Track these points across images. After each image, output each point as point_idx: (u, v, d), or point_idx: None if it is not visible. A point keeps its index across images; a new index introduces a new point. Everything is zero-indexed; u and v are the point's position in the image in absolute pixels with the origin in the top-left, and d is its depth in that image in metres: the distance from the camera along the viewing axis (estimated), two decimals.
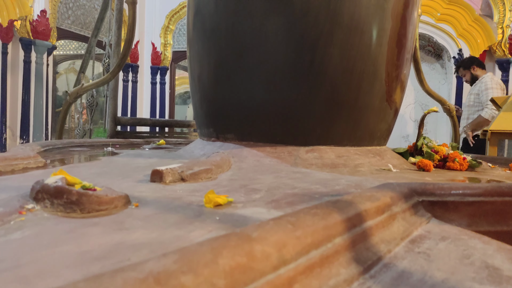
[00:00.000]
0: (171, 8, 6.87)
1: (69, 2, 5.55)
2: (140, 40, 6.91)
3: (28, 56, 4.78)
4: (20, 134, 4.73)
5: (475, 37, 4.96)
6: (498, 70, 4.92)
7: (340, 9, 1.32)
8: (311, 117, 1.41)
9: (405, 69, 1.60)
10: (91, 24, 5.86)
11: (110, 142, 2.17)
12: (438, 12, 5.06)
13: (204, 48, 1.55)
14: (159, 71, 7.07)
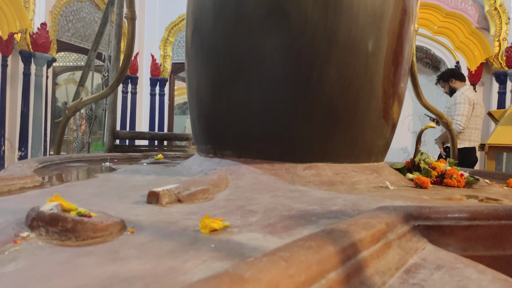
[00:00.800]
0: (171, 21, 6.93)
1: (69, 15, 5.59)
2: (139, 52, 6.96)
3: (28, 68, 4.80)
4: (19, 146, 4.73)
5: (472, 49, 5.00)
6: (495, 82, 4.96)
7: (336, 28, 1.34)
8: (308, 134, 1.41)
9: (402, 84, 1.61)
10: (91, 37, 5.90)
11: (108, 156, 2.17)
12: (435, 25, 5.11)
13: (202, 65, 1.57)
14: (158, 83, 7.10)
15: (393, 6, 1.43)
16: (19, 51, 4.73)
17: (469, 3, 5.09)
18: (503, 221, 0.74)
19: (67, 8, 5.54)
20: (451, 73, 3.98)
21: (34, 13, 4.90)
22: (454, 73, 4.00)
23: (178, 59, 7.16)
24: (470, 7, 5.10)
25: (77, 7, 5.71)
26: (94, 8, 5.99)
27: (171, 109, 7.36)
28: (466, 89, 3.86)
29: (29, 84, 4.80)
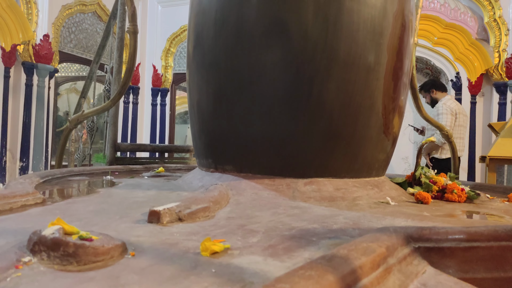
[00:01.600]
0: (172, 32, 6.98)
1: (71, 26, 5.64)
2: (141, 62, 7.00)
3: (30, 79, 4.83)
4: (20, 157, 4.73)
5: (472, 60, 5.03)
6: (495, 93, 4.97)
7: (336, 45, 1.35)
8: (309, 150, 1.42)
9: (402, 98, 1.62)
10: (93, 47, 5.94)
11: (109, 169, 2.17)
12: (435, 36, 5.14)
13: (203, 80, 1.58)
14: (160, 93, 7.13)
15: (392, 23, 1.44)
16: (22, 62, 4.76)
17: (469, 15, 5.13)
18: (503, 242, 0.74)
19: (70, 20, 5.59)
20: (433, 84, 4.04)
21: (37, 24, 4.94)
22: (436, 83, 4.05)
23: (179, 70, 7.19)
24: (470, 18, 5.14)
25: (79, 18, 5.76)
26: (97, 19, 6.04)
27: (172, 119, 7.38)
28: (447, 99, 3.94)
29: (31, 95, 4.82)
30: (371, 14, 1.38)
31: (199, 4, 1.59)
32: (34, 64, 4.82)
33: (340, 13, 1.35)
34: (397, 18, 1.46)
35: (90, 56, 5.84)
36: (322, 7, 1.34)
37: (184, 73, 7.49)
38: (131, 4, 2.24)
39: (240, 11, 1.43)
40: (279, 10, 1.38)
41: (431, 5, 5.21)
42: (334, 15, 1.34)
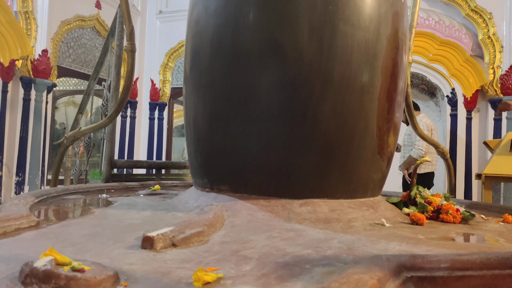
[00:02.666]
0: (171, 47, 7.03)
1: (70, 41, 5.68)
2: (139, 77, 7.03)
3: (28, 94, 4.84)
4: (16, 171, 4.72)
5: (467, 77, 5.08)
6: (491, 109, 5.01)
7: (331, 68, 1.37)
8: (304, 170, 1.42)
9: (397, 115, 1.62)
10: (92, 62, 5.97)
11: (105, 187, 2.17)
12: (430, 52, 5.20)
13: (199, 99, 1.59)
14: (158, 107, 7.15)
15: (386, 45, 1.46)
16: (20, 77, 4.78)
17: (463, 32, 5.20)
18: (496, 271, 0.75)
19: (69, 35, 5.63)
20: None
21: (36, 40, 4.97)
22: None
23: (177, 84, 7.23)
24: (464, 35, 5.20)
25: (78, 33, 5.80)
26: (95, 34, 6.09)
27: (170, 133, 7.39)
28: (422, 117, 4.21)
29: (28, 109, 4.82)
30: (364, 37, 1.40)
31: (196, 26, 1.61)
32: (32, 79, 4.83)
33: (334, 36, 1.37)
34: (391, 40, 1.48)
35: (88, 70, 5.87)
36: (316, 31, 1.36)
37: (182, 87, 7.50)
38: (129, 23, 2.26)
39: (236, 34, 1.45)
40: (274, 32, 1.40)
41: (426, 22, 5.28)
42: (328, 38, 1.36)
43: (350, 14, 1.38)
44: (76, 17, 5.61)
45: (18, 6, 4.78)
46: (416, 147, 3.97)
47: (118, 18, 2.58)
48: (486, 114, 5.09)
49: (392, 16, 1.49)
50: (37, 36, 5.00)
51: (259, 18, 1.42)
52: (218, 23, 1.48)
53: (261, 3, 1.41)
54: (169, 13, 7.16)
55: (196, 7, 1.62)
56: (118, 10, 2.59)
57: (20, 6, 4.78)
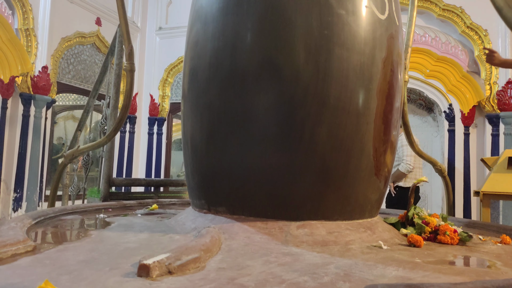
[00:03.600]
0: (170, 62, 7.09)
1: (70, 58, 5.73)
2: (138, 92, 7.08)
3: (27, 110, 4.86)
4: (14, 187, 4.71)
5: (464, 92, 5.12)
6: (488, 124, 5.03)
7: (327, 91, 1.38)
8: (301, 192, 1.43)
9: (394, 133, 1.63)
10: (91, 78, 6.01)
11: (103, 206, 2.17)
12: (427, 68, 5.25)
13: (197, 120, 1.60)
14: (157, 122, 7.18)
15: (381, 68, 1.48)
16: (19, 94, 4.80)
17: (459, 48, 5.26)
18: None
19: (69, 51, 5.68)
20: None
21: (36, 56, 5.02)
22: None
23: (176, 99, 7.27)
24: (460, 52, 5.26)
25: (78, 50, 5.85)
26: (95, 50, 6.14)
27: (169, 147, 7.39)
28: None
29: (27, 125, 4.84)
30: (360, 60, 1.42)
31: (194, 48, 1.63)
32: (32, 95, 4.86)
33: (330, 60, 1.39)
34: (386, 63, 1.50)
35: (88, 86, 5.91)
36: (312, 55, 1.38)
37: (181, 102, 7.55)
38: (129, 43, 2.29)
39: (234, 57, 1.47)
40: (271, 56, 1.42)
41: (423, 38, 5.34)
42: (324, 62, 1.38)
43: (345, 39, 1.40)
44: (76, 33, 5.67)
45: (19, 24, 4.84)
46: (404, 161, 4.01)
47: (118, 37, 2.61)
48: (483, 130, 5.11)
49: (387, 39, 1.52)
50: (38, 52, 5.04)
51: (256, 41, 1.44)
52: (216, 47, 1.51)
53: (258, 28, 1.44)
54: (169, 29, 7.23)
55: (195, 28, 1.64)
56: (118, 29, 2.62)
57: (21, 23, 4.84)
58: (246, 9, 1.44)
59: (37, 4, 5.07)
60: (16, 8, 4.78)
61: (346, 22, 1.40)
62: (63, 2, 5.47)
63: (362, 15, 1.44)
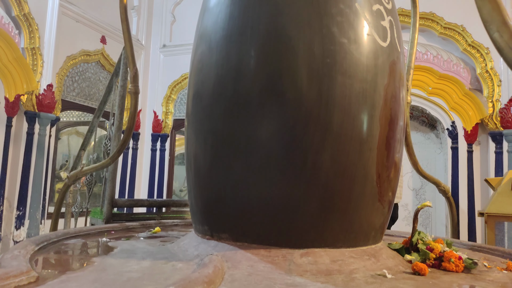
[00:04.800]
0: (174, 79, 7.17)
1: (75, 76, 5.79)
2: (142, 109, 7.13)
3: (32, 128, 4.90)
4: (17, 205, 4.71)
5: (467, 110, 5.13)
6: (491, 142, 5.02)
7: (329, 118, 1.39)
8: (305, 219, 1.42)
9: (397, 158, 1.63)
10: (95, 95, 6.07)
11: (105, 229, 2.16)
12: (430, 86, 5.28)
13: (200, 147, 1.61)
14: (160, 138, 7.21)
15: (383, 95, 1.49)
16: (24, 112, 4.85)
17: (461, 66, 5.29)
18: None
19: (74, 69, 5.75)
20: None
21: (41, 75, 5.08)
22: None
23: (179, 116, 7.32)
24: (463, 69, 5.29)
25: (83, 68, 5.92)
26: (100, 68, 6.21)
27: (171, 163, 7.41)
28: None
29: (31, 143, 4.87)
30: (362, 88, 1.43)
31: (199, 74, 1.65)
32: (37, 113, 4.91)
33: (332, 87, 1.40)
34: (388, 90, 1.51)
35: (92, 103, 5.96)
36: (315, 82, 1.40)
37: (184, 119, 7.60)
38: (133, 66, 2.31)
39: (237, 84, 1.49)
40: (274, 84, 1.44)
41: (424, 56, 5.38)
42: (327, 90, 1.40)
43: (347, 66, 1.41)
44: (81, 51, 5.75)
45: (26, 43, 4.91)
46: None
47: (123, 59, 2.64)
48: (487, 147, 5.11)
49: (389, 66, 1.53)
50: (43, 71, 5.11)
51: (259, 69, 1.46)
52: (220, 74, 1.52)
53: (261, 56, 1.45)
54: (173, 47, 7.32)
55: (199, 50, 1.66)
56: (123, 51, 2.66)
57: (27, 42, 4.92)
58: (250, 38, 1.46)
59: (44, 24, 5.16)
60: (23, 27, 4.86)
61: (348, 51, 1.42)
62: (69, 21, 5.56)
63: (364, 43, 1.46)
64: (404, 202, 6.07)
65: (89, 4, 5.95)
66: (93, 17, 5.99)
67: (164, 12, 7.42)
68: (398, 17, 1.69)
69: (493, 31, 0.75)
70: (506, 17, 0.73)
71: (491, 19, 0.74)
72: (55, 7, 5.26)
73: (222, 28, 1.55)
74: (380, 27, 1.52)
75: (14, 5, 4.74)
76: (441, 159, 5.72)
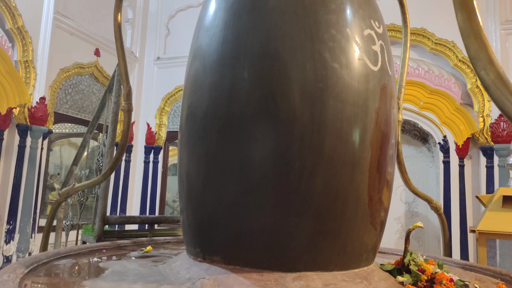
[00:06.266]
0: (167, 91, 7.17)
1: (68, 88, 5.78)
2: (135, 121, 7.12)
3: (23, 141, 4.86)
4: (7, 219, 4.65)
5: (458, 124, 5.18)
6: (482, 156, 5.08)
7: (322, 142, 1.40)
8: (297, 243, 1.43)
9: (388, 179, 1.64)
10: (88, 107, 6.05)
11: (97, 247, 2.15)
12: (421, 100, 5.33)
13: (193, 168, 1.61)
14: (153, 150, 7.19)
15: (375, 118, 1.51)
16: (16, 125, 4.82)
17: (452, 81, 5.36)
18: None
19: (67, 82, 5.74)
20: None
21: (34, 87, 5.06)
22: None
23: (173, 128, 7.32)
24: (453, 84, 5.36)
25: (76, 80, 5.91)
26: (93, 80, 6.21)
27: (164, 176, 7.38)
28: None
29: (23, 156, 4.83)
30: (354, 112, 1.45)
31: (192, 96, 1.66)
32: (29, 126, 4.88)
33: (324, 112, 1.41)
34: (380, 113, 1.53)
35: (85, 116, 5.94)
36: (308, 107, 1.41)
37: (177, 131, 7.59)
38: (127, 83, 2.32)
39: (230, 107, 1.50)
40: (267, 107, 1.45)
41: (416, 71, 5.45)
42: (319, 114, 1.41)
43: (339, 91, 1.43)
44: (75, 64, 5.74)
45: (19, 56, 4.90)
46: None
47: (117, 76, 2.65)
48: (478, 161, 5.16)
49: (380, 89, 1.55)
50: (36, 84, 5.09)
51: (252, 93, 1.47)
52: (214, 97, 1.53)
53: (255, 80, 1.47)
54: (167, 59, 7.35)
55: (194, 67, 1.67)
56: (117, 68, 2.66)
57: (20, 55, 4.91)
58: (243, 61, 1.48)
59: (37, 37, 5.16)
60: (16, 40, 4.86)
61: (340, 75, 1.44)
62: (63, 34, 5.56)
63: (355, 67, 1.48)
64: (396, 215, 6.09)
65: (83, 17, 5.96)
66: (88, 30, 6.00)
67: (159, 25, 7.45)
68: (389, 40, 1.72)
69: (480, 68, 0.77)
70: (492, 55, 0.75)
71: (478, 57, 0.76)
72: (49, 20, 5.27)
73: (216, 51, 1.56)
74: (371, 51, 1.54)
75: (7, 18, 4.74)
76: (433, 172, 5.77)
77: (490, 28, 5.27)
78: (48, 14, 5.26)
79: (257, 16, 1.52)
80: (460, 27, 0.78)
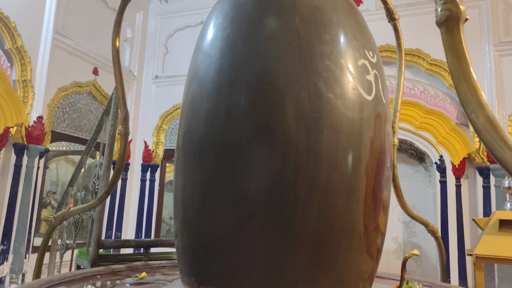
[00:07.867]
0: (165, 110, 7.20)
1: (66, 107, 5.79)
2: (133, 139, 7.12)
3: (20, 160, 4.85)
4: (2, 239, 4.60)
5: (454, 144, 5.21)
6: (479, 176, 5.09)
7: (316, 172, 1.41)
8: (292, 274, 1.41)
9: (384, 205, 1.64)
10: (86, 126, 6.06)
11: (91, 273, 2.12)
12: (417, 120, 5.37)
13: (188, 196, 1.61)
14: (150, 168, 7.17)
15: (369, 147, 1.52)
16: (13, 144, 4.81)
17: (448, 101, 5.41)
18: None
19: (65, 101, 5.76)
20: None
21: (32, 107, 5.07)
22: None
23: (170, 146, 7.31)
24: (449, 104, 5.41)
25: (74, 99, 5.93)
26: (91, 99, 6.23)
27: (161, 194, 7.34)
28: None
29: (19, 176, 4.81)
30: (348, 141, 1.46)
31: (188, 123, 1.66)
32: (25, 145, 4.87)
33: (319, 142, 1.42)
34: (374, 142, 1.54)
35: (82, 134, 5.94)
36: (303, 137, 1.42)
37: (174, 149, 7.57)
38: (124, 107, 2.33)
39: (226, 136, 1.50)
40: (262, 137, 1.45)
41: (412, 91, 5.50)
42: (314, 144, 1.42)
43: (334, 121, 1.44)
44: (73, 83, 5.77)
45: (17, 75, 4.93)
46: None
47: (114, 99, 2.66)
48: (475, 181, 5.17)
49: (375, 118, 1.56)
50: (34, 103, 5.10)
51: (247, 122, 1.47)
52: (210, 125, 1.54)
53: (250, 109, 1.48)
54: (165, 78, 7.40)
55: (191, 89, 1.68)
56: (114, 91, 2.68)
57: (19, 75, 4.93)
58: (239, 91, 1.49)
59: (36, 56, 5.19)
60: (15, 60, 4.89)
61: (334, 105, 1.45)
62: (61, 53, 5.61)
63: (350, 97, 1.49)
64: (394, 235, 6.06)
65: (82, 37, 6.02)
66: (86, 49, 6.05)
67: (157, 44, 7.53)
68: (383, 69, 1.74)
69: (470, 111, 0.78)
70: (482, 98, 0.76)
71: (468, 99, 0.77)
72: (48, 39, 5.31)
73: (213, 80, 1.58)
74: (365, 81, 1.56)
75: (7, 39, 4.78)
76: (430, 192, 5.76)
77: (484, 49, 5.35)
78: (48, 33, 5.31)
79: (252, 46, 1.54)
80: (450, 69, 0.79)
